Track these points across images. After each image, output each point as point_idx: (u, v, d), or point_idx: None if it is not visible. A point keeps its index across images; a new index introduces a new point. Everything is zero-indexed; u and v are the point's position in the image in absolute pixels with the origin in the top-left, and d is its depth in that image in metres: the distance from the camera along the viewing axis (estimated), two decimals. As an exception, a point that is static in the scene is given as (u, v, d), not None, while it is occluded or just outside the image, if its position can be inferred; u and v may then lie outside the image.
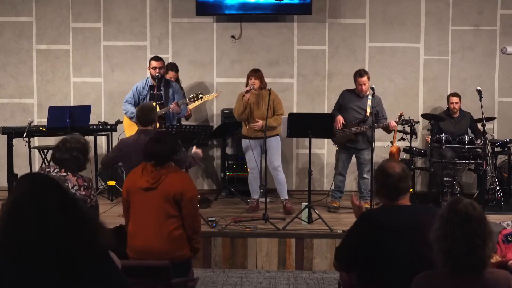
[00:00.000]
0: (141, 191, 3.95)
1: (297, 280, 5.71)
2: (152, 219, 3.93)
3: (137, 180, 3.98)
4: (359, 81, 6.78)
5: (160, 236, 3.93)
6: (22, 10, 8.16)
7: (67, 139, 4.03)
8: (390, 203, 3.17)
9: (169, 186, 3.94)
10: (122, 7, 8.13)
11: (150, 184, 3.93)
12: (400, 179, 3.11)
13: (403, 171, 3.13)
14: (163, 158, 4.01)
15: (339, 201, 7.04)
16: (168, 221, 3.95)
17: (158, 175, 3.95)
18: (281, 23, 8.13)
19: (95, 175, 7.66)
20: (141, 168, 4.04)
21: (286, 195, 6.88)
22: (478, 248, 2.41)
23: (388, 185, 3.12)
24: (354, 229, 3.19)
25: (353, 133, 6.80)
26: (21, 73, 8.23)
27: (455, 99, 7.62)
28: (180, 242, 4.01)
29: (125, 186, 4.10)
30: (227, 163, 7.77)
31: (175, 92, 6.83)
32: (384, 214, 3.16)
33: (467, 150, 7.15)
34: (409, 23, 8.11)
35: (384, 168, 3.18)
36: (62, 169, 3.93)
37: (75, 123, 6.96)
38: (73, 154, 3.95)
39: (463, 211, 2.46)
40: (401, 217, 3.07)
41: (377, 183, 3.21)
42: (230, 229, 6.09)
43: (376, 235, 3.04)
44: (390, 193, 3.14)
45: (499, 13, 8.09)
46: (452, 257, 2.43)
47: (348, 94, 6.98)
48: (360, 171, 6.97)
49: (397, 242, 2.99)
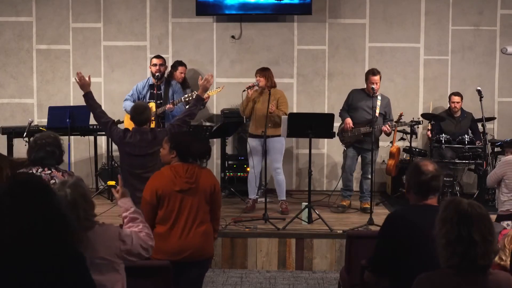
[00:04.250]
0: (180, 194, 3.93)
1: (297, 280, 5.71)
2: (191, 218, 3.94)
3: (173, 183, 3.92)
4: (371, 79, 6.71)
5: (199, 234, 3.97)
6: (22, 10, 8.16)
7: (37, 137, 4.06)
8: (418, 202, 3.19)
9: (206, 182, 3.99)
10: (122, 7, 8.14)
11: (190, 184, 3.93)
12: (433, 178, 3.15)
13: (436, 170, 3.19)
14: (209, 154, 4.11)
15: (349, 199, 7.01)
16: (205, 218, 4.02)
17: (194, 174, 3.96)
18: (281, 23, 8.13)
19: (95, 175, 7.67)
20: (170, 171, 3.97)
21: (284, 196, 6.88)
22: (482, 248, 2.41)
23: (421, 182, 3.15)
24: (383, 234, 3.20)
25: (361, 133, 6.77)
26: (21, 73, 8.23)
27: (457, 99, 7.61)
28: (211, 238, 4.11)
29: (152, 191, 3.94)
30: (227, 163, 7.77)
31: (175, 92, 6.90)
32: (411, 213, 3.17)
33: (467, 150, 7.16)
34: (409, 23, 8.11)
35: (418, 165, 3.22)
36: (44, 168, 3.94)
37: (75, 123, 6.97)
38: (47, 150, 3.97)
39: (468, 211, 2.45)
40: (428, 217, 3.04)
41: (410, 180, 3.24)
42: (230, 229, 6.09)
43: (405, 234, 3.05)
44: (421, 191, 3.17)
45: (499, 13, 8.09)
46: (456, 256, 2.42)
47: (357, 94, 6.93)
48: (364, 171, 6.95)
49: (423, 242, 2.97)
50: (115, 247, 2.96)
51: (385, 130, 6.75)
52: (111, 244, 2.95)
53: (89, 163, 7.77)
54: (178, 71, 7.47)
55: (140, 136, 4.86)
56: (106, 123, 5.05)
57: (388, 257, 3.12)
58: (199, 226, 3.97)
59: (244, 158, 7.77)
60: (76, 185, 2.90)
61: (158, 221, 3.96)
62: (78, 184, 2.92)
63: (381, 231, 3.24)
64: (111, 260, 2.95)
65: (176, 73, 7.48)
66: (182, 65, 7.54)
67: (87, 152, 7.77)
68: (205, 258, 4.07)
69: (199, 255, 3.98)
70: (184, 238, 3.93)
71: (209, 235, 4.06)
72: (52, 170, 3.96)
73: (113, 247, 2.96)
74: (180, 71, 7.48)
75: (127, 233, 3.06)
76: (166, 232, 3.94)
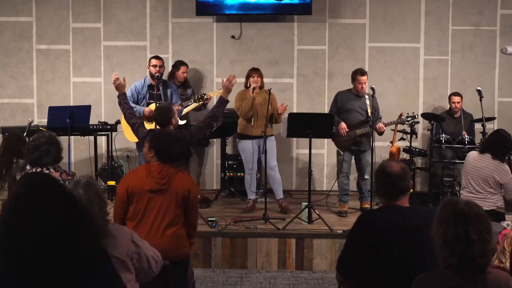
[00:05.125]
0: (149, 193, 3.93)
1: (297, 280, 5.71)
2: (159, 219, 3.92)
3: (143, 182, 3.93)
4: (359, 79, 6.68)
5: (168, 235, 3.94)
6: (22, 10, 8.16)
7: (33, 138, 4.12)
8: (388, 203, 3.16)
9: (179, 185, 3.94)
10: (122, 7, 8.14)
11: (160, 185, 3.92)
12: (399, 178, 3.10)
13: (402, 170, 3.13)
14: (189, 157, 4.05)
15: (347, 204, 6.94)
16: (175, 220, 3.97)
17: (167, 176, 3.94)
18: (281, 23, 8.13)
19: (95, 175, 7.67)
20: (144, 170, 4.00)
21: (282, 195, 6.89)
22: (480, 248, 2.41)
23: (387, 183, 3.12)
24: (351, 234, 3.18)
25: (357, 135, 6.73)
26: (21, 73, 8.23)
27: (457, 99, 7.61)
28: (183, 240, 4.05)
29: (124, 188, 4.00)
30: (227, 163, 7.77)
31: (174, 93, 6.95)
32: (381, 216, 3.15)
33: (467, 150, 7.15)
34: (409, 23, 8.11)
35: (383, 167, 3.18)
36: (43, 167, 3.95)
37: (75, 123, 6.97)
38: (42, 149, 4.00)
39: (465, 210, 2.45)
40: (398, 218, 3.05)
41: (377, 182, 3.21)
42: (230, 229, 6.09)
43: (373, 239, 3.02)
44: (389, 192, 3.14)
45: (499, 13, 8.09)
46: (454, 256, 2.42)
47: (345, 96, 6.85)
48: (361, 172, 6.88)
49: (394, 244, 2.97)
50: (127, 247, 2.98)
51: (380, 127, 6.68)
52: (122, 243, 2.97)
53: (89, 163, 7.77)
54: (181, 71, 7.50)
55: None
56: (134, 124, 5.15)
57: (354, 258, 3.09)
58: (168, 228, 3.92)
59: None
60: (89, 184, 2.95)
61: (128, 217, 3.98)
62: (92, 183, 2.97)
63: (351, 231, 3.20)
64: (123, 260, 2.96)
65: (178, 72, 7.50)
66: (184, 65, 7.56)
67: (87, 152, 7.78)
68: (175, 259, 3.89)
69: (166, 256, 3.79)
70: (151, 237, 3.85)
71: (180, 237, 3.98)
72: (50, 170, 3.97)
73: (125, 246, 2.98)
74: (183, 70, 7.52)
75: (139, 238, 3.08)
76: (133, 229, 3.94)
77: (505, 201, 5.45)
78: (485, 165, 5.40)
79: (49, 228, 2.03)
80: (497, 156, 5.41)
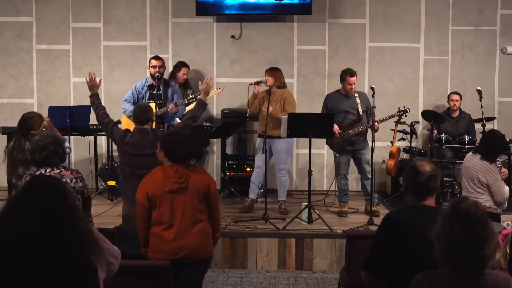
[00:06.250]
0: (170, 194, 3.94)
1: (297, 280, 5.71)
2: (186, 218, 3.95)
3: (162, 184, 3.94)
4: (349, 80, 6.62)
5: (196, 233, 3.97)
6: (22, 10, 8.16)
7: (38, 139, 4.11)
8: (416, 203, 3.17)
9: (197, 181, 3.97)
10: (122, 7, 8.14)
11: (179, 184, 3.93)
12: (431, 178, 3.13)
13: (433, 170, 3.17)
14: (200, 155, 4.06)
15: (347, 204, 6.91)
16: (201, 216, 4.01)
17: (184, 174, 3.95)
18: (281, 23, 8.13)
19: (95, 175, 7.67)
20: (160, 172, 3.99)
21: (284, 197, 6.87)
22: (477, 248, 2.41)
23: (418, 183, 3.14)
24: (380, 233, 3.17)
25: (351, 135, 6.71)
26: (21, 73, 8.23)
27: (456, 97, 7.63)
28: (210, 237, 4.10)
29: (143, 194, 3.97)
30: (227, 163, 7.77)
31: (174, 92, 6.94)
32: (411, 215, 3.14)
33: (467, 150, 7.14)
34: (409, 23, 8.12)
35: (415, 166, 3.20)
36: (53, 167, 3.96)
37: (75, 123, 6.98)
38: (50, 149, 4.01)
39: (465, 210, 2.46)
40: (426, 218, 3.02)
41: (406, 181, 3.22)
42: (230, 229, 6.09)
43: (404, 238, 3.02)
44: (419, 192, 3.15)
45: (499, 13, 8.09)
46: (451, 255, 2.43)
47: (334, 97, 6.81)
48: (363, 171, 6.81)
49: (421, 244, 2.93)
50: None
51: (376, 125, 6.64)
52: None
53: (89, 163, 7.78)
54: (181, 72, 7.51)
55: (141, 136, 4.84)
56: (108, 124, 5.08)
57: (383, 258, 3.09)
58: (195, 225, 3.97)
59: (244, 158, 7.79)
60: None
61: (154, 222, 3.99)
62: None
63: (378, 232, 3.21)
64: None
65: (179, 74, 7.50)
66: (185, 66, 7.57)
67: (87, 152, 7.78)
68: (203, 257, 4.05)
69: (196, 254, 3.98)
70: (181, 238, 3.93)
71: (207, 234, 4.05)
72: (61, 169, 4.01)
73: None
74: (183, 72, 7.52)
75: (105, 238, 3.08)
76: (162, 232, 3.96)
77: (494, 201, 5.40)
78: (473, 165, 5.39)
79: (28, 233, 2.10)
80: (485, 156, 5.38)
